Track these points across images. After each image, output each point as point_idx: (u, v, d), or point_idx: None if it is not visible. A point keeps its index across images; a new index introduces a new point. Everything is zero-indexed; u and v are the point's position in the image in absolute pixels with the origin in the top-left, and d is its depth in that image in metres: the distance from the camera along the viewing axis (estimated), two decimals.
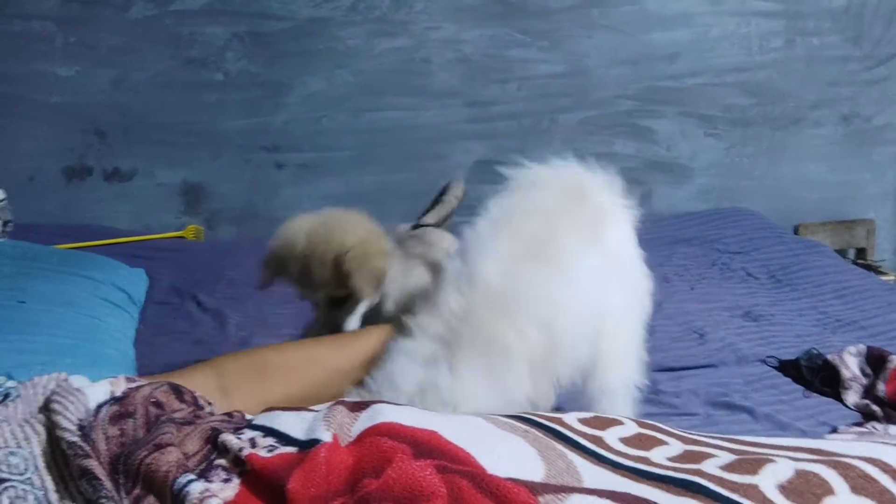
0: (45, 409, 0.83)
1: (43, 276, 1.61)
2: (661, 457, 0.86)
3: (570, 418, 0.92)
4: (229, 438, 0.82)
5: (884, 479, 0.77)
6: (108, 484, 0.74)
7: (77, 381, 0.90)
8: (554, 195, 1.19)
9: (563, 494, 0.71)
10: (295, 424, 0.86)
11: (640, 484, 0.76)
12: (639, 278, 1.25)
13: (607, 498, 0.71)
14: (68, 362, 1.32)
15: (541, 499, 0.70)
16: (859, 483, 0.76)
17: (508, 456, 0.80)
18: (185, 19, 2.31)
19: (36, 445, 0.78)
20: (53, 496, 0.74)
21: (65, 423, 0.78)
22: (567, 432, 0.88)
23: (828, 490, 0.75)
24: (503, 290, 1.09)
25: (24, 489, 0.72)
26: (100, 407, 0.84)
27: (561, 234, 1.13)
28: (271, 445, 0.82)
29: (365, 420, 0.85)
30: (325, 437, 0.80)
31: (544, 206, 1.17)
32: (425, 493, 0.71)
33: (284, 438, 0.83)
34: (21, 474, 0.74)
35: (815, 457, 0.82)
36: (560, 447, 0.85)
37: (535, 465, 0.79)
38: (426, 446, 0.78)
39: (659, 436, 0.93)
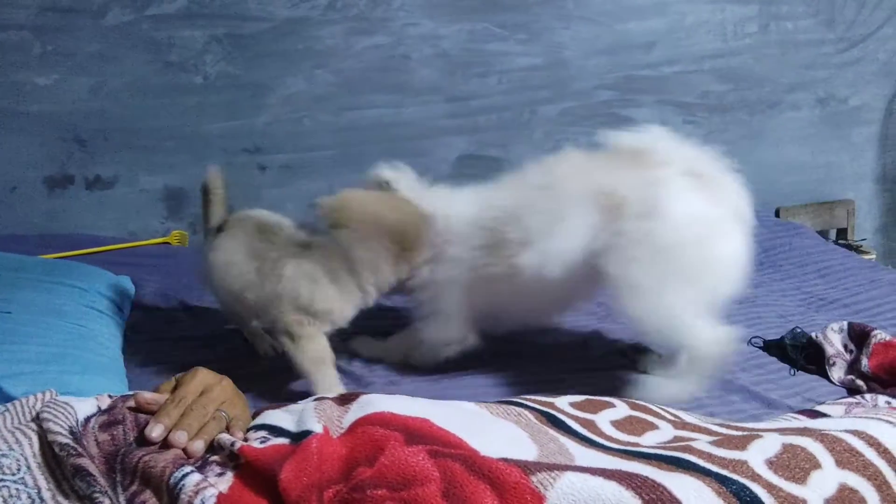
0: (35, 420, 0.84)
1: (28, 285, 1.60)
2: (651, 441, 0.87)
3: (562, 402, 0.94)
4: (222, 436, 0.83)
5: (868, 453, 0.79)
6: (101, 480, 0.75)
7: (64, 399, 0.91)
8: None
9: (556, 472, 0.72)
10: (285, 419, 0.87)
11: (630, 462, 0.77)
12: None
13: (599, 475, 0.72)
14: (57, 370, 1.32)
15: (533, 477, 0.71)
16: (845, 457, 0.78)
17: (500, 439, 0.81)
18: (162, 23, 2.30)
19: (27, 448, 0.78)
20: (46, 494, 0.74)
21: (56, 428, 0.79)
22: (559, 416, 0.89)
23: (815, 464, 0.77)
24: None
25: (17, 488, 0.73)
26: (88, 419, 0.85)
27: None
28: (263, 437, 0.83)
29: (356, 411, 0.85)
30: (317, 428, 0.81)
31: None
32: (419, 478, 0.72)
33: (276, 430, 0.84)
34: (14, 474, 0.75)
35: (800, 433, 0.83)
36: (552, 432, 0.86)
37: (528, 447, 0.80)
38: (418, 433, 0.79)
39: (650, 418, 0.94)
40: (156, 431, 0.81)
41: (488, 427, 0.85)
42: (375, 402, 0.86)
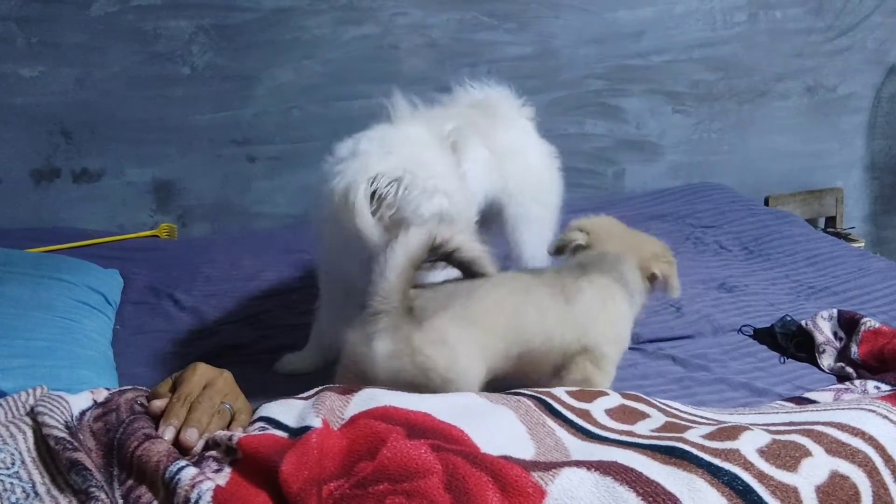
0: (30, 414, 0.84)
1: (16, 280, 1.59)
2: (644, 429, 0.88)
3: (559, 390, 0.94)
4: (218, 433, 0.83)
5: (855, 442, 0.80)
6: (97, 475, 0.75)
7: (58, 393, 0.91)
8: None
9: (553, 471, 0.72)
10: (285, 413, 0.86)
11: (625, 451, 0.78)
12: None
13: (595, 470, 0.72)
14: (47, 365, 1.31)
15: (534, 474, 0.72)
16: (833, 447, 0.79)
17: (501, 434, 0.81)
18: (148, 14, 2.28)
19: (21, 442, 0.78)
20: (41, 488, 0.74)
21: (51, 422, 0.79)
22: (556, 405, 0.90)
23: (805, 452, 0.78)
24: None
25: (11, 482, 0.74)
26: (84, 412, 0.86)
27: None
28: (261, 427, 0.83)
29: (357, 404, 0.85)
30: (316, 423, 0.81)
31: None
32: (421, 471, 0.72)
33: (274, 423, 0.84)
34: (8, 468, 0.75)
35: (788, 428, 0.84)
36: (550, 423, 0.86)
37: (526, 445, 0.81)
38: (420, 427, 0.79)
39: (641, 407, 0.95)
40: (167, 434, 0.81)
41: (488, 418, 0.85)
42: (378, 397, 0.86)
